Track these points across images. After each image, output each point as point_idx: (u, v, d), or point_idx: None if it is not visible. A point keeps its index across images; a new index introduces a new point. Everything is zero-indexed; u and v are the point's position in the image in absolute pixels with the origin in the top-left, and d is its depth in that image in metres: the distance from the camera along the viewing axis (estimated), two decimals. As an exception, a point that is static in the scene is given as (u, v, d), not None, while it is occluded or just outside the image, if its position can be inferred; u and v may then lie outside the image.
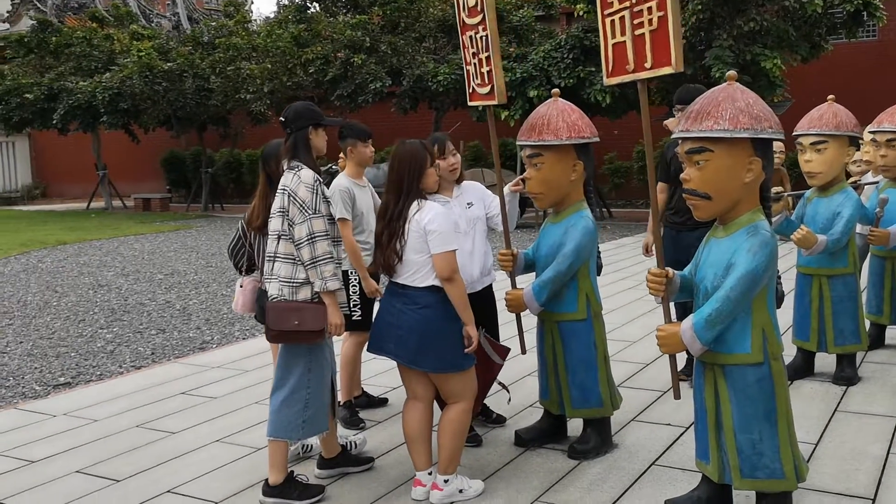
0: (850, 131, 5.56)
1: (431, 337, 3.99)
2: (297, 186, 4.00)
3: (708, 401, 3.73)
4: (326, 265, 3.96)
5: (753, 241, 3.50)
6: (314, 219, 3.97)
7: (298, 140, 4.13)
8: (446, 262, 3.95)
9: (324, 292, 3.99)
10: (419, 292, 4.00)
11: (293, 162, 4.11)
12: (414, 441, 4.17)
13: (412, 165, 4.04)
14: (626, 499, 4.10)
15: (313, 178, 4.02)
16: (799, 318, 5.99)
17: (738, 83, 3.59)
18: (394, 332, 4.03)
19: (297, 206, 3.98)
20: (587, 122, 4.57)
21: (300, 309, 3.99)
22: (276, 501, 4.08)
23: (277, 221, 4.07)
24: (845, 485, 4.18)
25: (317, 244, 3.95)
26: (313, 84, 20.52)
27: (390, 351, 4.08)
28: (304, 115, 4.15)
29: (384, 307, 4.13)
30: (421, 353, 3.99)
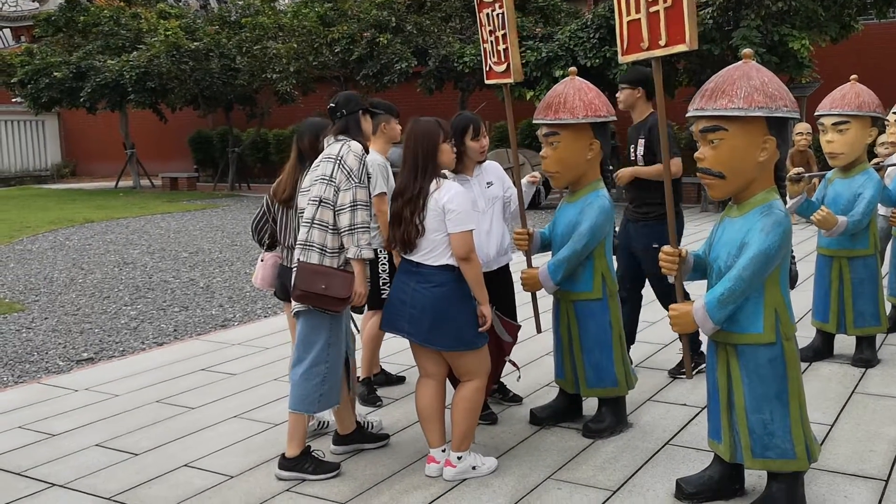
0: (873, 111, 5.50)
1: (445, 315, 4.01)
2: (347, 154, 4.09)
3: (720, 380, 3.74)
4: (364, 234, 4.06)
5: (767, 220, 3.48)
6: (359, 188, 4.06)
7: (351, 122, 4.25)
8: (464, 241, 3.97)
9: (356, 259, 4.07)
10: (433, 270, 4.02)
11: (340, 137, 4.21)
12: (427, 419, 4.21)
13: (427, 143, 4.05)
14: (639, 477, 4.11)
15: (362, 149, 4.14)
16: (818, 299, 5.96)
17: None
18: (407, 310, 4.06)
19: (345, 172, 4.07)
20: (604, 100, 4.56)
21: (329, 274, 4.06)
22: (291, 475, 4.14)
23: (320, 188, 4.10)
24: (859, 466, 4.17)
25: (358, 212, 4.04)
26: (339, 64, 20.50)
27: (403, 329, 4.10)
28: (355, 100, 4.31)
29: (398, 286, 4.15)
30: (434, 332, 4.02)
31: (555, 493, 3.96)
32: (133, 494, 4.07)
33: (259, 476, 4.24)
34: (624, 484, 4.04)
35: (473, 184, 4.82)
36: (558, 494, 3.95)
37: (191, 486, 4.14)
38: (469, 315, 4.08)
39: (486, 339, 4.17)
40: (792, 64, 15.48)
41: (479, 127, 4.76)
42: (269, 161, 27.54)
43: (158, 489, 4.13)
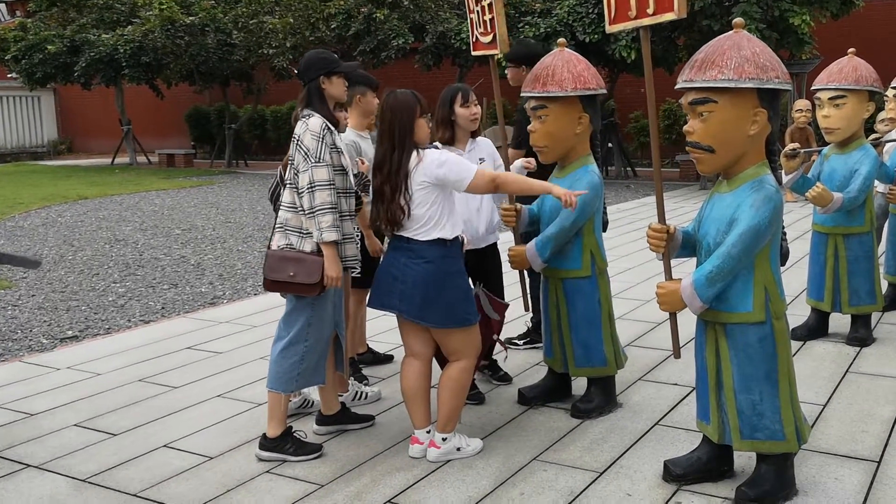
0: (870, 86, 5.38)
1: (437, 291, 3.92)
2: (304, 133, 3.94)
3: (709, 360, 3.65)
4: (324, 215, 3.88)
5: (757, 196, 3.38)
6: (316, 167, 3.89)
7: (311, 90, 4.07)
8: (482, 180, 3.89)
9: (322, 243, 3.93)
10: (424, 246, 3.92)
11: (305, 110, 4.05)
12: (411, 399, 4.13)
13: (402, 116, 3.91)
14: (626, 459, 4.04)
15: (321, 126, 3.95)
16: (813, 277, 5.87)
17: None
18: (398, 286, 3.96)
19: (303, 153, 3.93)
20: (593, 73, 4.44)
21: (298, 260, 3.94)
22: (272, 455, 4.06)
23: (289, 170, 4.04)
24: (851, 447, 4.09)
25: (316, 193, 3.88)
26: (336, 39, 20.32)
27: (394, 306, 4.00)
28: (316, 64, 4.07)
29: (388, 262, 4.05)
30: (426, 308, 3.93)
31: (540, 475, 3.88)
32: (109, 476, 3.99)
33: (239, 457, 4.15)
34: (611, 465, 3.96)
35: (466, 158, 4.72)
36: (544, 476, 3.87)
37: (168, 467, 4.06)
38: (461, 291, 4.00)
39: (477, 316, 4.10)
40: (792, 40, 15.32)
41: (469, 94, 4.66)
42: (266, 138, 27.38)
43: (135, 470, 4.04)
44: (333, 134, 4.00)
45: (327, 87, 4.07)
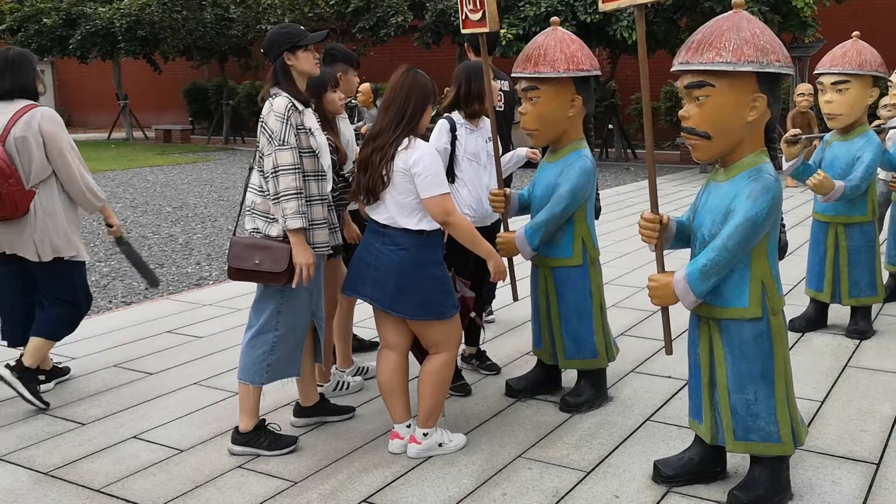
0: (875, 70, 5.18)
1: (410, 281, 3.74)
2: (268, 115, 3.73)
3: (702, 357, 3.48)
4: (289, 201, 3.67)
5: (755, 185, 3.20)
6: (281, 151, 3.68)
7: (277, 68, 3.84)
8: (438, 205, 3.68)
9: (287, 230, 3.73)
10: (400, 233, 3.75)
11: (273, 89, 3.84)
12: (389, 393, 3.94)
13: (421, 96, 3.78)
14: (615, 457, 3.88)
15: (286, 106, 3.72)
16: (813, 267, 5.69)
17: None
18: (371, 273, 3.79)
19: (267, 135, 3.72)
20: (587, 53, 4.24)
21: (264, 247, 3.75)
22: (244, 450, 3.90)
23: (257, 153, 3.85)
24: (849, 447, 3.93)
25: (280, 178, 3.67)
26: (335, 16, 20.09)
27: (366, 294, 3.82)
28: (278, 41, 3.83)
29: (364, 246, 3.87)
30: (398, 298, 3.75)
31: (524, 474, 3.72)
32: (72, 469, 3.83)
33: (210, 450, 3.99)
34: (599, 464, 3.81)
35: (477, 136, 4.68)
36: (528, 475, 3.71)
37: (135, 461, 3.90)
38: (438, 282, 3.81)
39: (456, 308, 3.91)
40: (795, 23, 15.10)
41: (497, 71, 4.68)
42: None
43: (100, 463, 3.88)
44: (302, 114, 3.79)
45: (294, 63, 3.84)
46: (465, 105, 4.69)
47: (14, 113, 4.43)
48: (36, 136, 4.40)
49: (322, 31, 4.22)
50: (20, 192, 4.36)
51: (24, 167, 4.41)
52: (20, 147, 4.39)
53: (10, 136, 4.39)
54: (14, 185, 4.32)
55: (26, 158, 4.41)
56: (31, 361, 4.51)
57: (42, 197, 4.47)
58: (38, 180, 4.45)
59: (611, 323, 5.79)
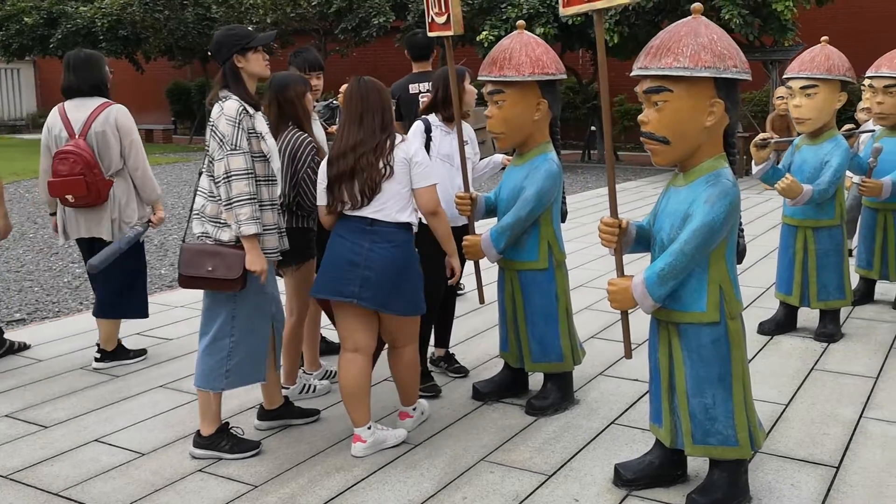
0: (843, 75, 5.21)
1: (404, 278, 3.82)
2: (219, 119, 3.69)
3: (662, 361, 3.49)
4: (243, 207, 3.64)
5: (712, 190, 3.21)
6: (233, 155, 3.64)
7: (227, 71, 3.80)
8: (431, 195, 3.87)
9: (240, 237, 3.70)
10: (392, 229, 3.79)
11: (223, 92, 3.80)
12: (354, 397, 3.91)
13: (384, 99, 3.88)
14: (577, 460, 3.88)
15: (237, 109, 3.69)
16: (782, 270, 5.72)
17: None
18: (359, 273, 3.75)
19: (218, 139, 3.68)
20: (553, 57, 4.25)
21: (218, 254, 3.71)
22: (206, 453, 3.89)
23: (206, 157, 3.81)
24: (809, 450, 3.94)
25: (233, 183, 3.64)
26: (318, 16, 20.06)
27: (352, 295, 3.77)
28: (226, 43, 3.80)
29: (344, 247, 3.80)
30: (393, 296, 3.79)
31: (486, 477, 3.72)
32: (32, 472, 3.80)
33: (172, 453, 3.97)
34: (561, 467, 3.81)
35: (452, 139, 4.70)
36: (489, 479, 3.71)
37: (96, 464, 3.88)
38: (420, 279, 3.94)
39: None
40: (775, 26, 15.15)
41: (472, 75, 4.70)
42: (248, 115, 26.99)
43: (61, 467, 3.86)
44: (253, 117, 3.76)
45: (244, 65, 3.82)
46: (442, 108, 4.73)
47: (93, 110, 4.92)
48: (113, 130, 4.91)
49: (271, 33, 4.22)
50: (102, 182, 4.87)
51: (104, 159, 4.90)
52: (100, 140, 4.89)
53: (91, 130, 4.88)
54: (98, 175, 4.84)
55: (105, 151, 4.90)
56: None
57: (117, 186, 4.95)
58: (114, 171, 4.94)
59: (582, 325, 5.83)
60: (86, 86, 4.96)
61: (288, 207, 4.28)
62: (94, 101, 4.96)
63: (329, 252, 3.88)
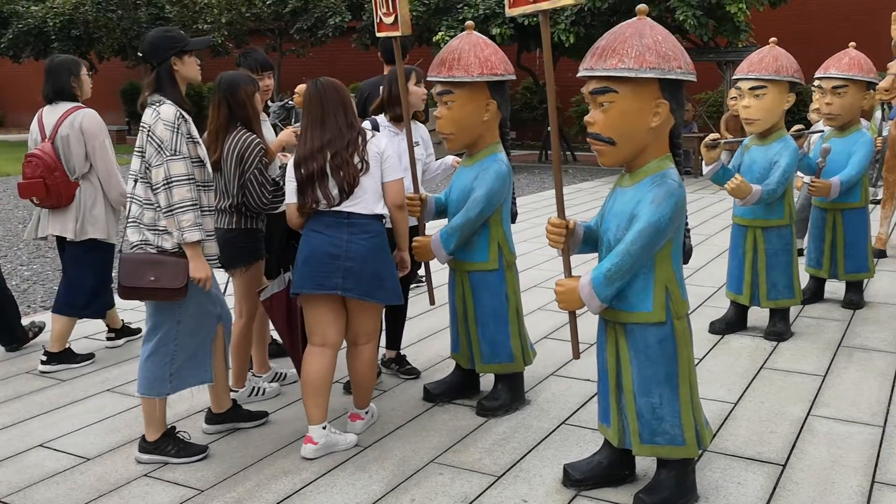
0: (791, 76, 5.28)
1: (383, 267, 3.90)
2: (156, 123, 3.61)
3: (609, 361, 3.50)
4: (185, 213, 3.58)
5: (658, 191, 3.22)
6: (172, 161, 3.57)
7: (161, 74, 3.71)
8: (399, 189, 3.97)
9: (183, 244, 3.64)
10: (368, 220, 3.86)
11: (154, 96, 3.71)
12: (316, 391, 3.90)
13: (344, 98, 3.90)
14: (527, 461, 3.88)
15: (175, 114, 3.63)
16: (733, 270, 5.77)
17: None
18: (340, 264, 3.78)
19: (155, 145, 3.60)
20: (502, 57, 4.24)
21: (160, 263, 3.63)
22: (152, 458, 3.83)
23: (136, 162, 3.71)
24: (757, 449, 3.98)
25: (174, 190, 3.57)
26: (273, 16, 19.93)
27: (336, 287, 3.78)
28: (163, 45, 3.73)
29: (322, 241, 3.80)
30: (374, 285, 3.86)
31: (435, 479, 3.70)
32: (-28, 480, 3.73)
33: (118, 459, 3.91)
34: (511, 468, 3.80)
35: (401, 139, 4.70)
36: (438, 480, 3.69)
37: (40, 470, 3.80)
38: (394, 269, 4.04)
39: None
40: (729, 27, 15.34)
41: (421, 75, 4.69)
42: (202, 115, 26.59)
43: (3, 472, 3.78)
44: (188, 122, 3.71)
45: (179, 69, 3.76)
46: (389, 108, 4.75)
47: (62, 114, 5.03)
48: (77, 133, 5.00)
49: (207, 38, 4.19)
50: (65, 184, 4.97)
51: (68, 162, 5.00)
52: (65, 144, 4.99)
53: (58, 134, 5.00)
54: (59, 178, 4.95)
55: (69, 154, 5.00)
56: None
57: (84, 189, 5.03)
58: (80, 174, 5.03)
59: (535, 326, 5.84)
60: (50, 92, 5.10)
61: (236, 209, 4.23)
62: (65, 105, 5.08)
63: (305, 248, 3.86)
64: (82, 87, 5.20)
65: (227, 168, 4.16)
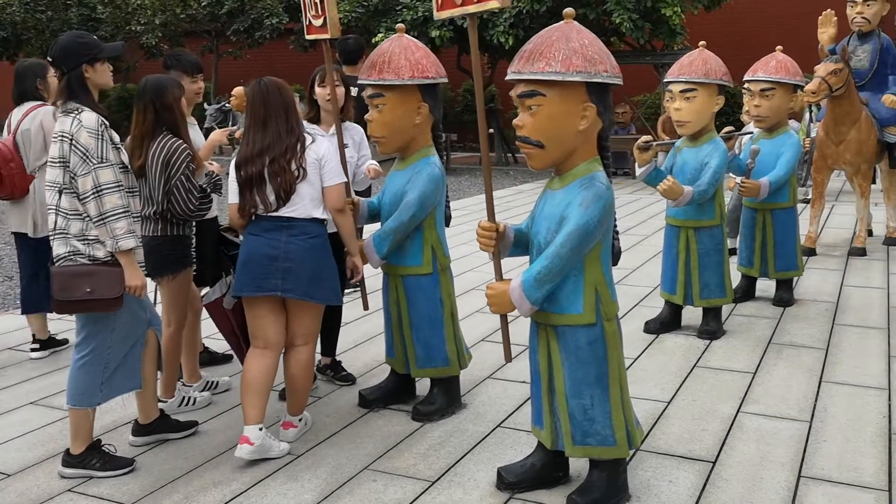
0: (719, 79, 5.36)
1: (323, 267, 3.91)
2: (79, 132, 3.51)
3: (541, 364, 3.50)
4: (118, 221, 3.51)
5: (586, 193, 3.23)
6: (100, 169, 3.50)
7: (73, 81, 3.61)
8: (339, 193, 3.96)
9: (117, 252, 3.56)
10: (307, 222, 3.86)
11: (70, 104, 3.61)
12: (256, 392, 3.89)
13: (287, 100, 3.89)
14: (462, 465, 3.86)
15: (97, 121, 3.54)
16: (666, 270, 5.84)
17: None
18: (279, 266, 3.79)
19: (80, 154, 3.51)
20: (433, 60, 4.23)
21: (93, 273, 3.54)
22: (76, 472, 3.72)
23: (56, 172, 3.59)
24: (688, 447, 4.02)
25: (104, 198, 3.49)
26: (209, 17, 19.65)
27: (275, 288, 3.81)
28: (76, 50, 3.63)
29: (260, 243, 3.83)
30: (313, 285, 3.86)
31: (368, 486, 3.67)
32: None
33: (40, 473, 3.79)
34: (445, 473, 3.78)
35: (332, 140, 4.58)
36: (372, 487, 3.66)
37: (-43, 488, 3.68)
38: (335, 270, 4.03)
39: None
40: (665, 31, 15.54)
41: (325, 75, 4.65)
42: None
43: (-83, 493, 3.65)
44: (110, 129, 3.63)
45: (91, 76, 3.67)
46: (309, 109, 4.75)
47: (25, 111, 5.21)
48: (38, 128, 5.13)
49: (119, 43, 4.11)
50: (20, 176, 5.09)
51: (26, 154, 5.16)
52: (24, 137, 5.16)
53: (20, 129, 5.17)
54: (15, 169, 5.07)
55: (28, 146, 5.16)
56: None
57: (39, 182, 5.11)
58: (36, 166, 5.15)
59: (473, 329, 5.84)
60: (16, 94, 5.32)
61: (161, 216, 4.14)
62: (29, 105, 5.27)
63: (244, 251, 3.90)
64: (49, 88, 5.28)
65: (151, 174, 4.06)
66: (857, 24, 8.40)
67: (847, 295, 6.72)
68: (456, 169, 18.04)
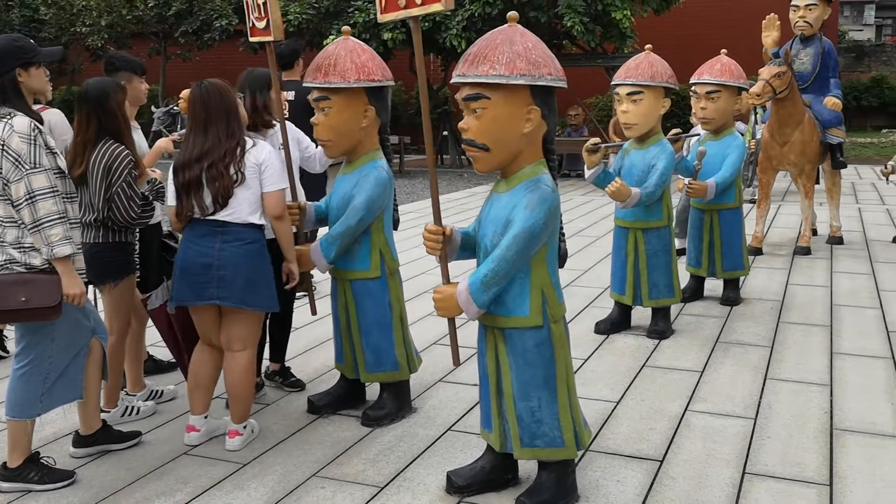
0: (665, 82, 5.41)
1: (259, 274, 3.89)
2: (10, 137, 3.42)
3: (489, 366, 3.50)
4: (53, 227, 3.42)
5: (532, 196, 3.23)
6: (33, 174, 3.40)
7: (6, 85, 3.51)
8: (279, 199, 3.94)
9: (53, 260, 3.48)
10: (242, 227, 3.84)
11: (2, 108, 3.51)
12: (202, 386, 4.08)
13: (231, 104, 3.87)
14: (411, 470, 3.84)
15: (29, 125, 3.45)
16: (615, 271, 5.89)
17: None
18: (214, 274, 3.80)
19: (12, 160, 3.41)
20: (379, 63, 4.20)
21: (29, 282, 3.45)
22: (13, 486, 3.62)
23: None
24: (637, 446, 4.04)
25: (38, 204, 3.40)
26: (156, 19, 19.39)
27: (212, 297, 3.84)
28: (12, 54, 3.53)
29: (194, 251, 3.84)
30: (248, 292, 3.86)
31: (316, 493, 3.63)
32: None
33: (-23, 488, 3.70)
34: (394, 478, 3.76)
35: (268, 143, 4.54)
36: (320, 494, 3.62)
37: None
38: (272, 276, 4.03)
39: None
40: (615, 34, 15.68)
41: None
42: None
43: None
44: (44, 133, 3.54)
45: (25, 81, 3.58)
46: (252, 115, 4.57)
47: None
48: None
49: (58, 48, 4.02)
50: None
51: None
52: None
53: None
54: None
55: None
56: None
57: None
58: None
59: (424, 332, 5.82)
60: None
61: (102, 223, 4.06)
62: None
63: (180, 259, 3.91)
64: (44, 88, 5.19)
65: (92, 180, 3.98)
66: (799, 27, 8.57)
67: (792, 293, 6.83)
68: (409, 172, 18.03)
